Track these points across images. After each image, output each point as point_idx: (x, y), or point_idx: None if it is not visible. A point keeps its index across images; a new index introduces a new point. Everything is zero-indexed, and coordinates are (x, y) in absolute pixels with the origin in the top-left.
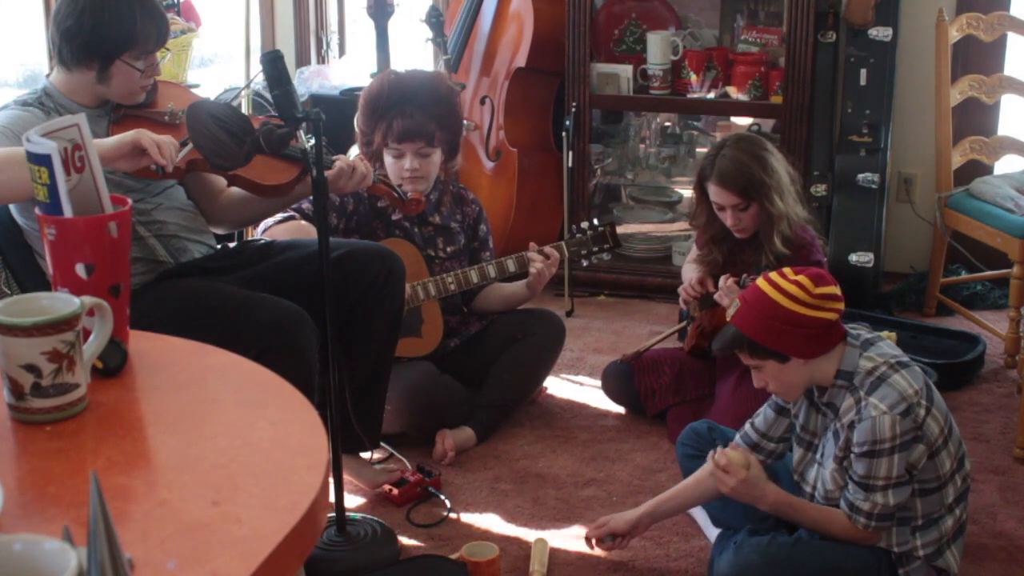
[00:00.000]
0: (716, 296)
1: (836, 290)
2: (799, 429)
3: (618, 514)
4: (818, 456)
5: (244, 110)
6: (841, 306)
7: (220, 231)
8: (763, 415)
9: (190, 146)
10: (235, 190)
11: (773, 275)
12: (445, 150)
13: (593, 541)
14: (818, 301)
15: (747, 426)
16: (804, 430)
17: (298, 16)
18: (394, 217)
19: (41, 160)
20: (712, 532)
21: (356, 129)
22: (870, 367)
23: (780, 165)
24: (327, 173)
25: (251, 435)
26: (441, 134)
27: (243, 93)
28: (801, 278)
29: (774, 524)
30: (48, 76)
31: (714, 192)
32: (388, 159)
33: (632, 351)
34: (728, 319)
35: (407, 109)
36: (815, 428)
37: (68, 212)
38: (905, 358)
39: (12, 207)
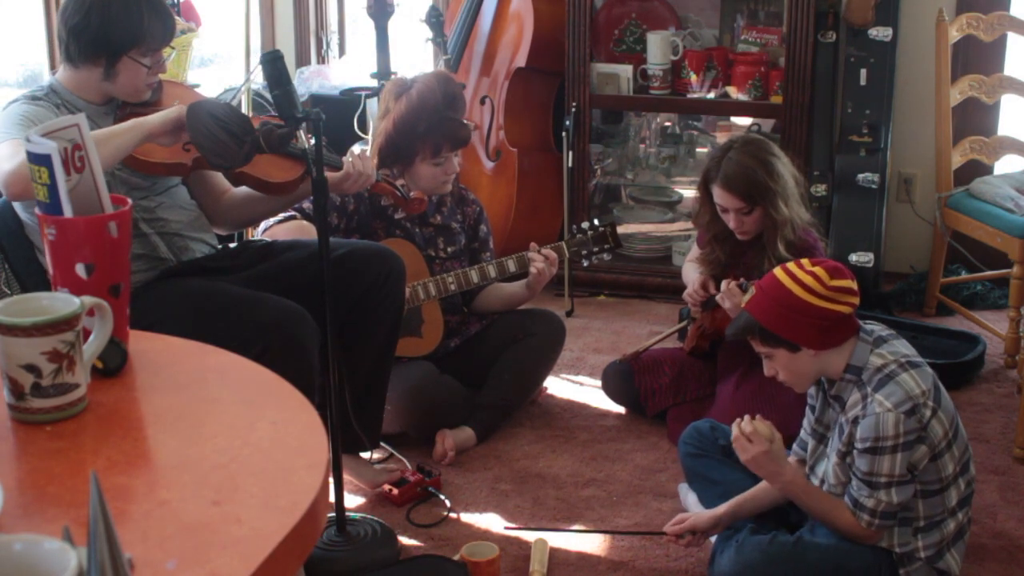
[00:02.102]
0: (718, 298)
1: (852, 284)
2: (814, 422)
3: (699, 512)
4: (828, 449)
5: (244, 110)
6: (856, 300)
7: (222, 231)
8: (806, 419)
9: None
10: (238, 191)
11: (791, 265)
12: None
13: (673, 536)
14: (833, 293)
15: (802, 433)
16: (819, 422)
17: (298, 16)
18: (396, 216)
19: (41, 160)
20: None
21: (381, 144)
22: (880, 364)
23: (786, 170)
24: (334, 175)
25: (251, 435)
26: None
27: (243, 90)
28: (818, 269)
29: (775, 523)
30: (54, 74)
31: (718, 195)
32: (427, 167)
33: (631, 351)
34: (743, 305)
35: (455, 116)
36: (828, 421)
37: (68, 212)
38: (917, 358)
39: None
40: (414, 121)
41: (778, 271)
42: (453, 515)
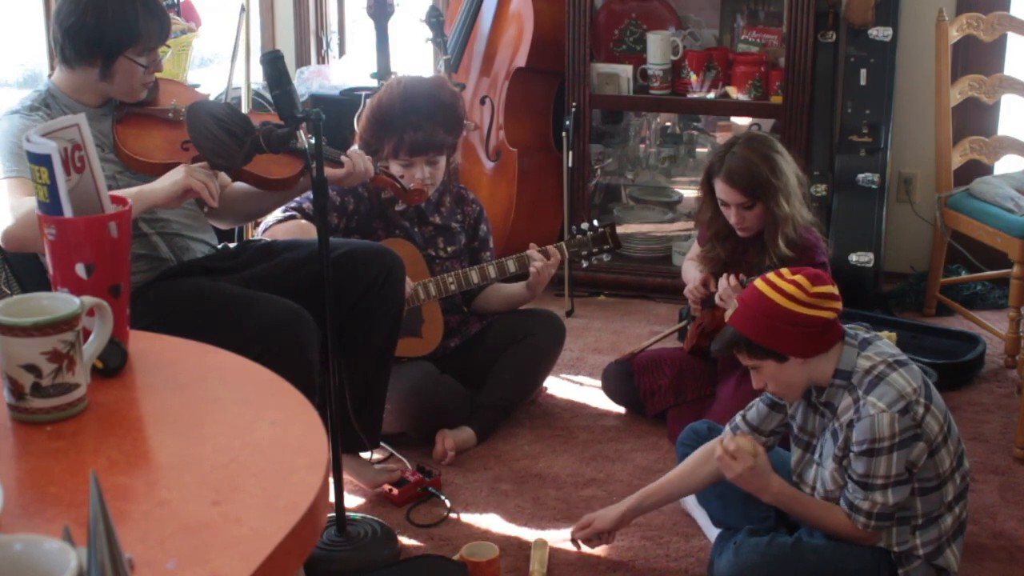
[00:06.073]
0: (717, 299)
1: (833, 289)
2: (796, 430)
3: (602, 511)
4: (816, 456)
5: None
6: (839, 305)
7: (223, 226)
8: (756, 408)
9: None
10: (237, 186)
11: (771, 275)
12: (449, 153)
13: (579, 542)
14: (815, 300)
15: (738, 418)
16: (802, 431)
17: (298, 16)
18: (397, 208)
19: (41, 160)
20: (712, 532)
21: (358, 136)
22: (868, 366)
23: (789, 168)
24: (337, 173)
25: (251, 435)
26: (448, 139)
27: (231, 92)
28: (798, 277)
29: (774, 524)
30: (50, 77)
31: (720, 189)
32: (396, 167)
33: (630, 351)
34: (727, 319)
35: (416, 121)
36: (813, 428)
37: (68, 212)
38: (903, 357)
39: None
40: (373, 123)
41: (759, 283)
42: (453, 515)
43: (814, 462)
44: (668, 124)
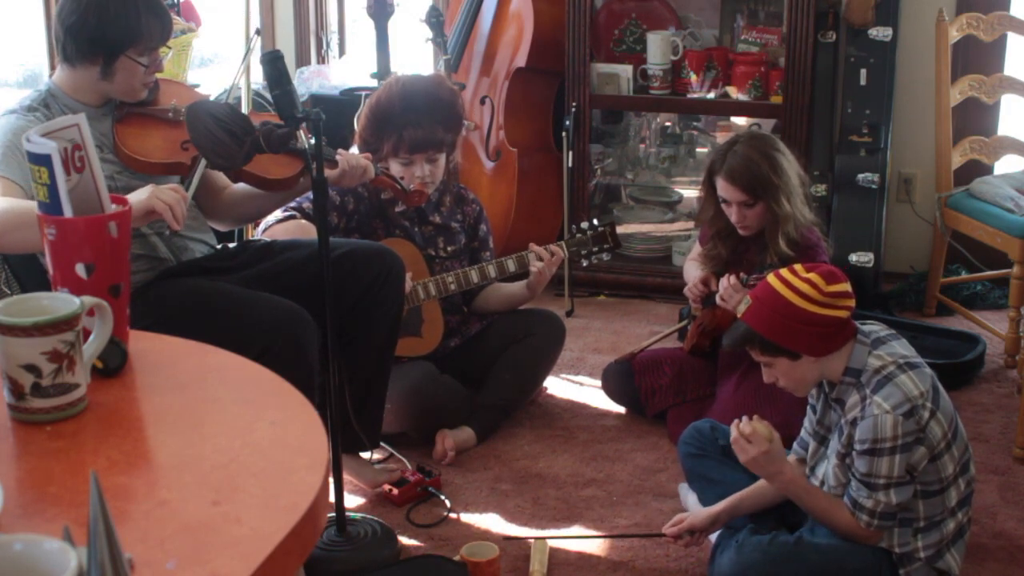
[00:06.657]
0: (718, 299)
1: (847, 287)
2: (816, 423)
3: (696, 510)
4: (828, 451)
5: (244, 109)
6: (852, 303)
7: (223, 227)
8: (807, 419)
9: (195, 183)
10: (237, 187)
11: (785, 272)
12: (449, 151)
13: (672, 536)
14: (830, 299)
15: (802, 433)
16: (820, 424)
17: (298, 16)
18: (397, 209)
19: (41, 160)
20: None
21: (357, 135)
22: (878, 366)
23: (791, 167)
24: (331, 173)
25: (251, 435)
26: (447, 137)
27: (233, 92)
28: (813, 276)
29: (775, 523)
30: (51, 76)
31: (721, 187)
32: (396, 166)
33: (629, 351)
34: (739, 316)
35: (415, 119)
36: (829, 423)
37: (68, 212)
38: (916, 359)
39: None
40: (372, 121)
41: (772, 280)
42: (453, 515)
43: (825, 456)
44: (668, 124)
